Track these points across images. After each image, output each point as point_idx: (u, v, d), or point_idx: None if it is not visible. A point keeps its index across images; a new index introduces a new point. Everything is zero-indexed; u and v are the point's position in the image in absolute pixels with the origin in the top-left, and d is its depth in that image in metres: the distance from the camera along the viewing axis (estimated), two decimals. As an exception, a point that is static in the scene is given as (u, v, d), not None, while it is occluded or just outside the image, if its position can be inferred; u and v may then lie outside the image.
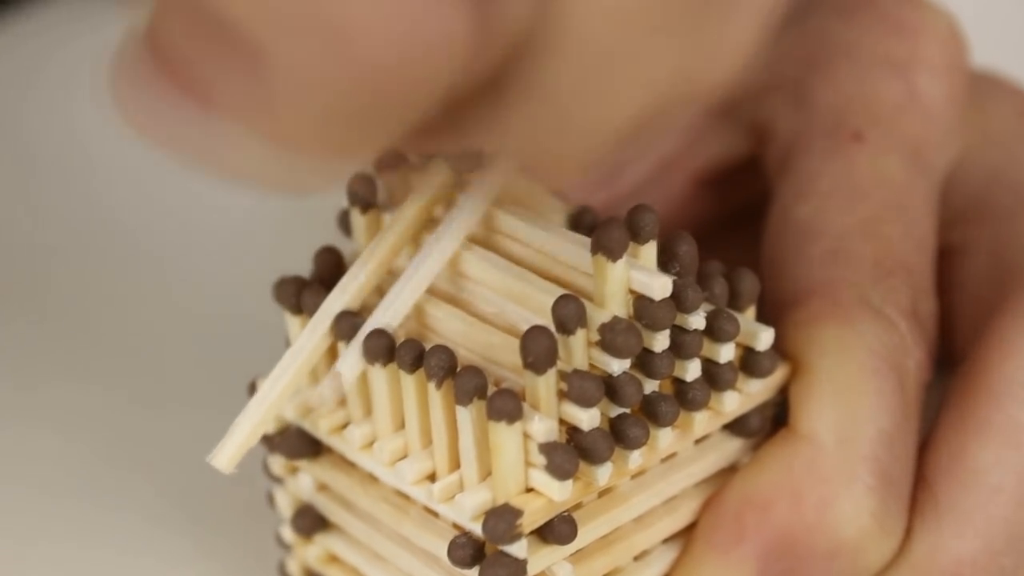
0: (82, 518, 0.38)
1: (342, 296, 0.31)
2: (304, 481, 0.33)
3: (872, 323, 0.32)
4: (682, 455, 0.31)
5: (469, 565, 0.29)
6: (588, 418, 0.28)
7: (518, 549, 0.28)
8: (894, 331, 0.32)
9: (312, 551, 0.33)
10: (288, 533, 0.34)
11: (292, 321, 0.32)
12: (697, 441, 0.31)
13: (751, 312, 0.31)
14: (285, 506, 0.33)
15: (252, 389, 0.32)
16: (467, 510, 0.28)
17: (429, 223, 0.31)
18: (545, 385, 0.28)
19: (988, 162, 0.36)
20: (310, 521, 0.33)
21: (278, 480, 0.33)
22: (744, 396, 0.31)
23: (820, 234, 0.33)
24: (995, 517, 0.31)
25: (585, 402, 0.28)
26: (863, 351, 0.31)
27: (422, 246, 0.30)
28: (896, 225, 0.33)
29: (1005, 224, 0.35)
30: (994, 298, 0.34)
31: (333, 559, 0.33)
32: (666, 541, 0.32)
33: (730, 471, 0.32)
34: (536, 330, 0.28)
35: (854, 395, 0.31)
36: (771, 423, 0.32)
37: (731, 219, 0.38)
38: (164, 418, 0.41)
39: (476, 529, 0.28)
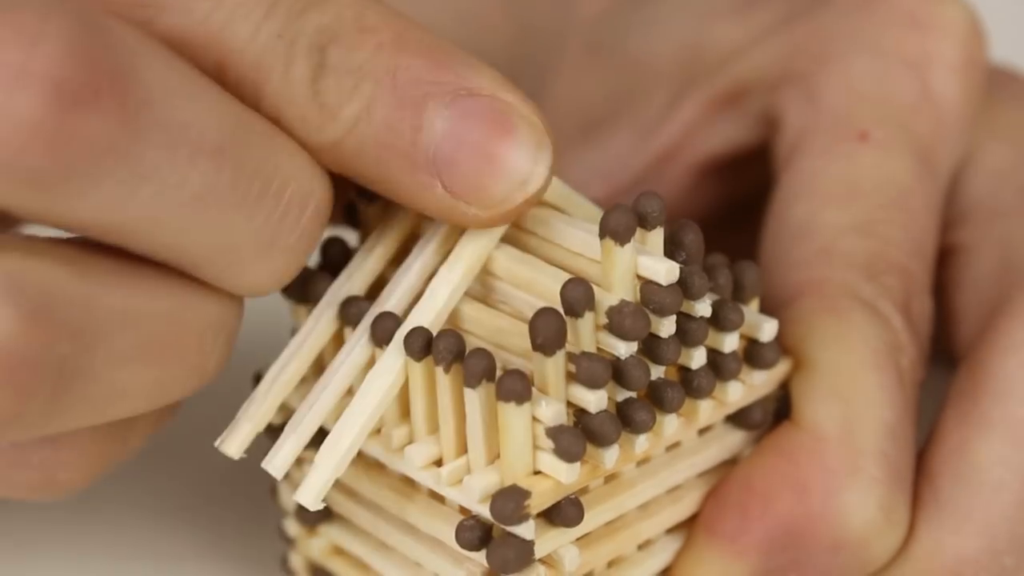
0: (83, 511, 0.38)
1: (347, 283, 0.31)
2: (307, 471, 0.33)
3: (867, 318, 0.32)
4: (686, 445, 0.31)
5: (477, 548, 0.29)
6: (596, 400, 0.28)
7: (525, 530, 0.28)
8: (888, 326, 0.32)
9: (316, 543, 0.34)
10: (292, 526, 0.34)
11: (298, 311, 0.32)
12: (700, 432, 0.32)
13: (755, 304, 0.31)
14: (288, 498, 0.33)
15: (256, 380, 0.33)
16: (475, 492, 0.29)
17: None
18: (554, 367, 0.28)
19: (996, 160, 0.36)
20: (315, 512, 0.33)
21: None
22: (748, 387, 0.31)
23: (815, 233, 0.34)
24: (997, 515, 0.31)
25: (593, 384, 0.28)
26: (861, 345, 0.32)
27: (426, 232, 0.31)
28: (894, 226, 0.34)
29: (1011, 224, 0.35)
30: (996, 297, 0.34)
31: (337, 551, 0.34)
32: (670, 531, 0.32)
33: (732, 463, 0.32)
34: (546, 312, 0.28)
35: (856, 388, 0.31)
36: (772, 417, 0.32)
37: (736, 214, 0.38)
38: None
39: (484, 511, 0.29)
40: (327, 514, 0.33)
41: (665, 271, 0.29)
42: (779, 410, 0.32)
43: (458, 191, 0.28)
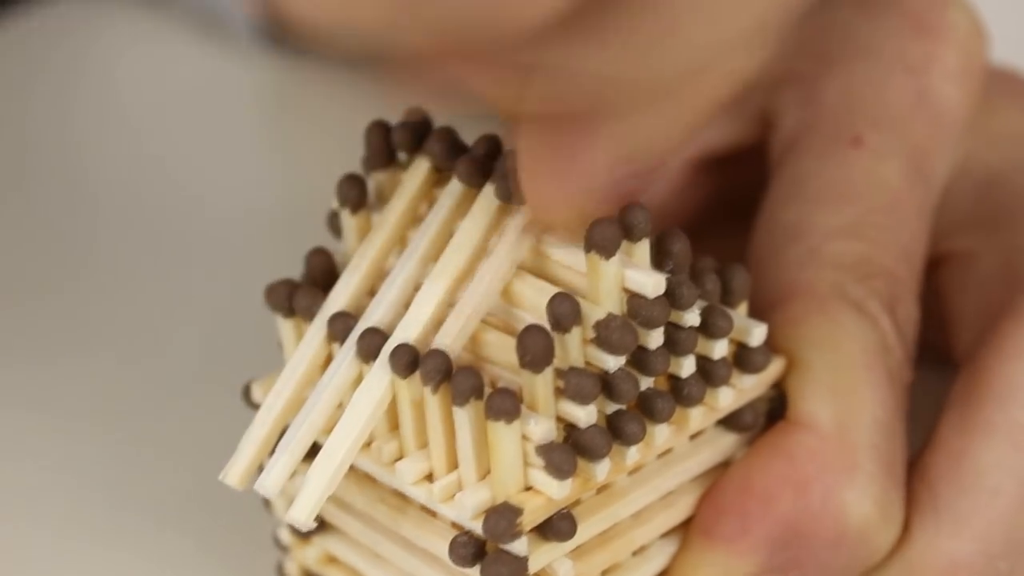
0: (80, 518, 0.38)
1: (336, 303, 0.31)
2: (300, 484, 0.33)
3: (856, 318, 0.32)
4: (678, 451, 0.31)
5: (471, 564, 0.29)
6: (586, 415, 0.28)
7: (519, 547, 0.28)
8: (877, 327, 0.32)
9: (311, 552, 0.34)
10: (286, 535, 0.34)
11: (284, 324, 0.32)
12: (692, 437, 0.32)
13: (743, 308, 0.31)
14: (282, 508, 0.33)
15: (246, 392, 0.32)
16: (468, 509, 0.29)
17: (415, 221, 0.31)
18: (543, 383, 0.28)
19: (994, 164, 0.36)
20: (308, 522, 0.33)
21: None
22: (738, 391, 0.31)
23: (803, 235, 0.34)
24: (993, 519, 0.32)
25: (582, 399, 0.28)
26: (852, 345, 0.32)
27: (408, 244, 0.31)
28: (882, 230, 0.34)
29: (1011, 228, 0.35)
30: (998, 302, 0.34)
31: (332, 560, 0.34)
32: (664, 536, 0.32)
33: (724, 466, 0.32)
34: (533, 329, 0.28)
35: (849, 386, 0.31)
36: (764, 418, 0.32)
37: (730, 211, 0.38)
38: (160, 420, 0.41)
39: (476, 528, 0.29)
40: (321, 523, 0.33)
41: (652, 284, 0.28)
42: (773, 410, 0.32)
43: None
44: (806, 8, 0.31)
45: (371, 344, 0.30)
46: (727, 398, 0.31)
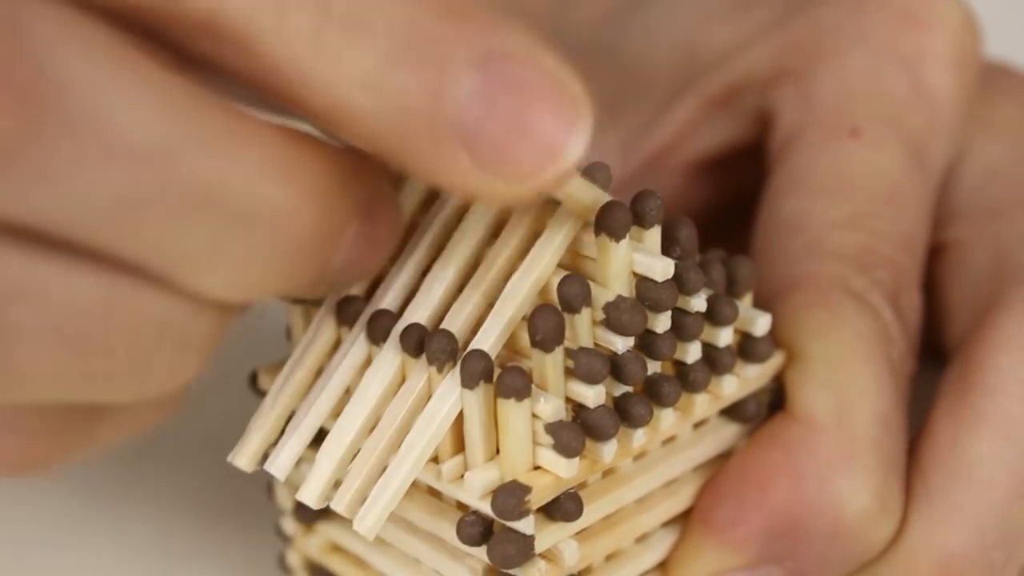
0: (81, 510, 0.38)
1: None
2: (305, 471, 0.33)
3: (858, 310, 0.32)
4: (681, 438, 0.32)
5: (478, 543, 0.29)
6: (594, 395, 0.28)
7: (526, 525, 0.29)
8: (879, 318, 0.33)
9: (314, 541, 0.34)
10: (289, 524, 0.34)
11: (294, 310, 0.32)
12: (696, 426, 0.32)
13: (748, 299, 0.32)
14: (286, 497, 0.34)
15: (253, 379, 0.33)
16: (477, 489, 0.29)
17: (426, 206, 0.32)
18: (553, 363, 0.28)
19: (991, 156, 0.36)
20: (312, 511, 0.33)
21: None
22: (742, 380, 0.32)
23: (805, 227, 0.34)
24: (986, 510, 0.32)
25: (591, 379, 0.28)
26: (853, 336, 0.32)
27: (420, 227, 0.31)
28: (883, 220, 0.34)
29: (1005, 220, 0.36)
30: (990, 293, 0.34)
31: (335, 548, 0.34)
32: (666, 525, 0.32)
33: (726, 456, 0.32)
34: (544, 308, 0.28)
35: (849, 378, 0.32)
36: (766, 409, 0.33)
37: (730, 212, 0.39)
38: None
39: (484, 508, 0.29)
40: (324, 512, 0.33)
41: (661, 268, 0.29)
42: (773, 401, 0.33)
43: (485, 163, 0.24)
44: None
45: (381, 326, 0.30)
46: (731, 386, 0.31)
